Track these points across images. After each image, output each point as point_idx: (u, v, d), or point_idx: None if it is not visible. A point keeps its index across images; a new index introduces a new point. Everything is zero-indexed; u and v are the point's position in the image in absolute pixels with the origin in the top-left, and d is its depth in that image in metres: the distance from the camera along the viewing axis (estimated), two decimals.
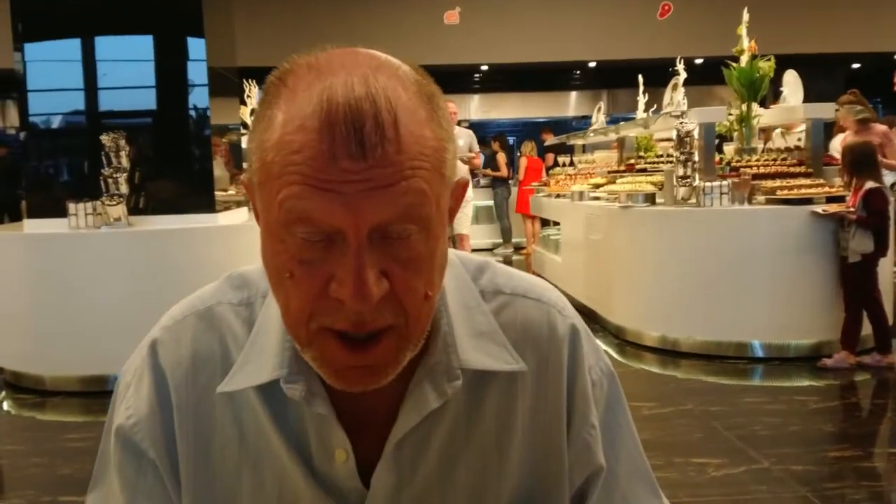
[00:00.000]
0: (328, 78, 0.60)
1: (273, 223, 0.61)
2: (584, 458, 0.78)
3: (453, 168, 0.65)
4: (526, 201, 9.76)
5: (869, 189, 4.28)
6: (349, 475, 0.73)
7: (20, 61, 4.57)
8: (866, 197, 4.27)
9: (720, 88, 10.25)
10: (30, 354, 4.40)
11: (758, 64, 5.37)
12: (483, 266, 0.80)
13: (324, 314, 0.61)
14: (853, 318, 4.38)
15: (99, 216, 4.31)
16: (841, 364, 4.33)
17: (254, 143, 0.63)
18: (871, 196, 4.27)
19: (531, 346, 0.76)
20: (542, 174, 10.03)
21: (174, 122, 4.73)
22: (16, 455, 3.57)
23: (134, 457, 0.75)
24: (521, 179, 10.21)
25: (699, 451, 3.26)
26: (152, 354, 0.77)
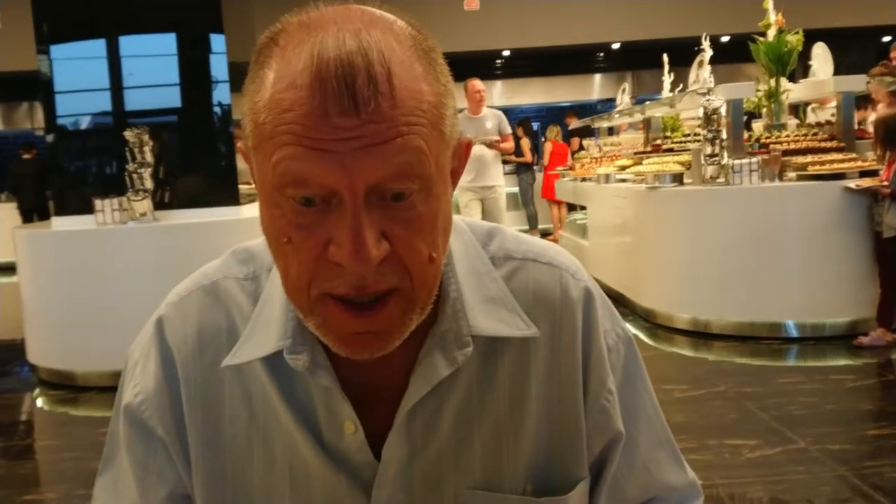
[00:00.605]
0: (319, 34, 0.58)
1: (268, 187, 0.59)
2: (602, 424, 0.76)
3: (454, 126, 0.62)
4: (551, 186, 9.68)
5: None
6: (359, 448, 0.71)
7: (46, 63, 4.61)
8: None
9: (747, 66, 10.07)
10: (61, 351, 4.46)
11: (785, 38, 5.25)
12: (493, 232, 0.78)
13: (324, 279, 0.59)
14: (889, 295, 4.28)
15: (125, 212, 4.35)
16: (877, 342, 4.23)
17: (247, 106, 0.61)
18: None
19: (544, 311, 0.74)
20: (567, 159, 9.94)
21: (198, 117, 4.76)
22: (49, 450, 3.63)
23: (143, 435, 0.74)
24: (546, 165, 10.14)
25: (734, 432, 3.20)
26: (158, 331, 0.76)
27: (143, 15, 4.66)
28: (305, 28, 0.59)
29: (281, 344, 0.69)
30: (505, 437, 0.74)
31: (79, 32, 4.68)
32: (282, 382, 0.71)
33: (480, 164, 6.00)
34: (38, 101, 11.75)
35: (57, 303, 4.41)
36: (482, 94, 6.16)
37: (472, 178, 5.96)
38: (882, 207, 4.24)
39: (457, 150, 0.65)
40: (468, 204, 6.05)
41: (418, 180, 0.58)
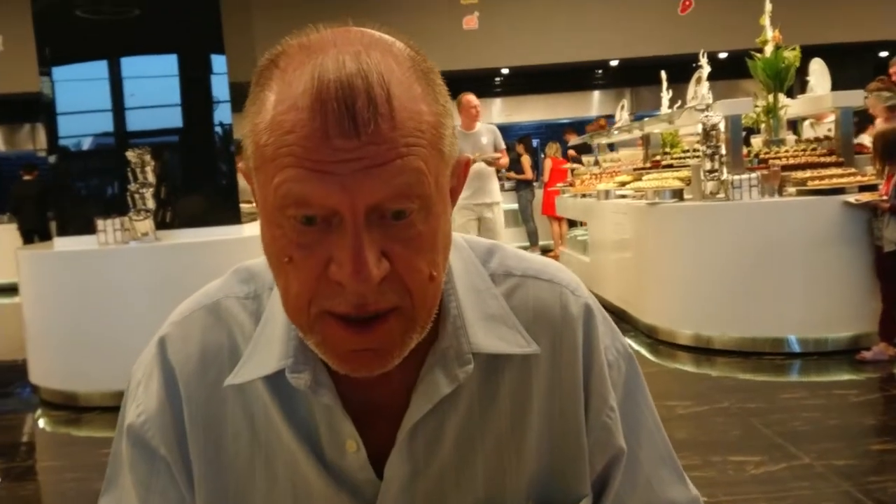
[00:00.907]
0: (319, 56, 0.58)
1: (270, 208, 0.60)
2: (604, 441, 0.76)
3: (452, 145, 0.63)
4: (552, 203, 9.70)
5: None
6: (361, 466, 0.71)
7: (48, 85, 4.64)
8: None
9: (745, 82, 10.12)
10: (63, 371, 4.45)
11: (783, 54, 5.28)
12: (492, 249, 0.79)
13: (324, 297, 0.60)
14: (890, 309, 4.27)
15: (127, 232, 4.36)
16: (880, 356, 4.22)
17: (248, 127, 0.62)
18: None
19: (544, 328, 0.74)
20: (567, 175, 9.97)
21: (199, 138, 4.78)
22: (51, 471, 3.61)
23: (146, 455, 0.75)
24: (547, 181, 10.17)
25: (738, 448, 3.19)
26: (161, 351, 0.76)
27: (145, 36, 4.69)
28: (305, 50, 0.60)
29: (283, 363, 0.69)
30: (507, 454, 0.73)
31: (80, 54, 4.71)
32: (283, 401, 0.72)
33: (479, 180, 5.88)
34: (40, 123, 11.81)
35: (59, 323, 4.41)
36: (477, 110, 6.03)
37: (470, 195, 5.82)
38: (882, 222, 4.24)
39: (455, 168, 0.66)
40: (465, 225, 5.83)
41: (418, 200, 0.59)
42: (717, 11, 11.13)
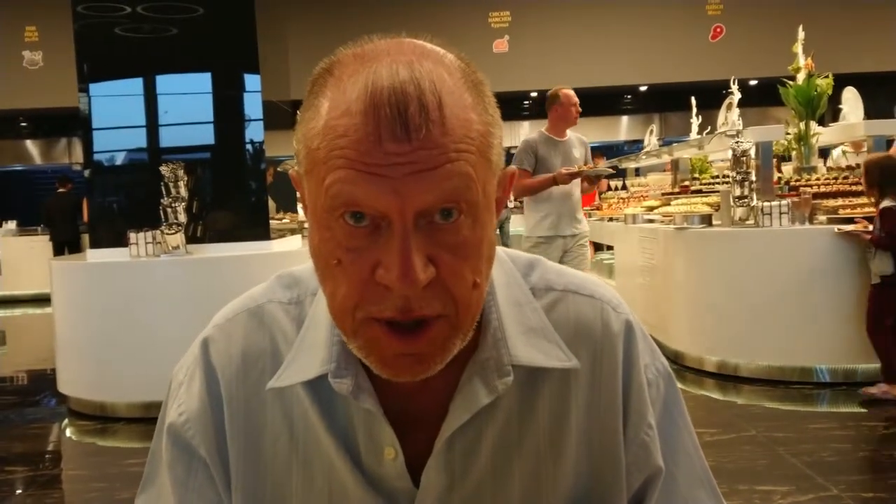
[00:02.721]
0: (373, 65, 0.60)
1: (320, 210, 0.61)
2: (642, 459, 0.76)
3: (500, 155, 0.64)
4: None
5: (884, 208, 4.10)
6: (399, 474, 0.71)
7: (86, 101, 4.74)
8: (882, 215, 4.10)
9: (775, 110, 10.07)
10: (91, 381, 4.51)
11: (815, 81, 5.26)
12: (533, 263, 0.79)
13: (370, 302, 0.61)
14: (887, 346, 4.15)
15: (159, 245, 4.42)
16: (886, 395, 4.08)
17: (300, 133, 0.63)
18: (885, 215, 4.09)
19: (584, 344, 0.75)
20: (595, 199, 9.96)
21: (231, 155, 4.85)
22: (77, 480, 3.64)
23: (185, 455, 0.76)
24: None
25: (765, 478, 3.14)
26: (204, 352, 0.77)
27: (181, 54, 4.78)
28: (360, 59, 0.62)
29: (325, 368, 0.70)
30: (543, 468, 0.73)
31: (118, 71, 4.81)
32: (323, 407, 0.72)
33: (566, 205, 4.68)
34: (76, 137, 12.04)
35: (89, 333, 4.47)
36: (578, 109, 4.69)
37: (554, 223, 4.66)
38: (871, 254, 4.18)
39: (502, 179, 0.67)
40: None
41: (466, 206, 0.60)
42: (748, 39, 11.12)
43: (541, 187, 4.59)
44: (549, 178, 4.53)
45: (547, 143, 4.67)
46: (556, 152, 4.64)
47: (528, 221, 4.82)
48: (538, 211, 4.70)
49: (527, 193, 4.71)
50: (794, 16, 7.86)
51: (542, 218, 4.68)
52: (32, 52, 11.31)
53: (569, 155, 4.69)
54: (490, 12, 11.61)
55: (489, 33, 11.44)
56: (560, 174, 4.51)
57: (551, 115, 4.70)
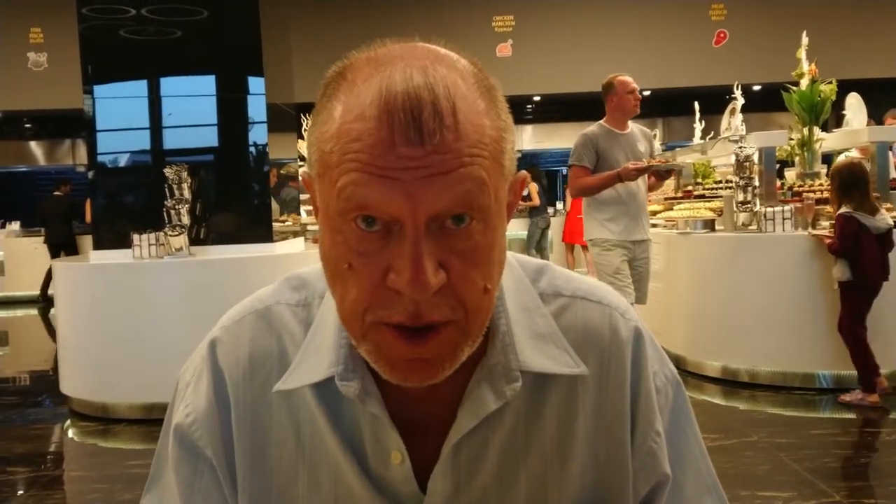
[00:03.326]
0: (387, 69, 0.60)
1: (332, 213, 0.61)
2: (650, 466, 0.76)
3: (512, 160, 0.64)
4: (571, 231, 9.77)
5: (838, 214, 4.13)
6: (405, 478, 0.71)
7: (90, 102, 4.75)
8: (836, 222, 4.15)
9: (778, 115, 10.08)
10: (93, 382, 4.51)
11: (819, 87, 5.26)
12: (542, 268, 0.79)
13: (380, 307, 0.61)
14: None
15: (162, 247, 4.43)
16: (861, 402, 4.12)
17: (313, 136, 0.63)
18: (838, 221, 4.13)
19: (592, 350, 0.75)
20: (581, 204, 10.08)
21: (235, 157, 4.85)
22: (78, 481, 3.64)
23: (191, 456, 0.76)
24: (569, 210, 10.26)
25: (767, 484, 3.14)
26: (211, 354, 0.77)
27: (185, 57, 4.79)
28: (373, 63, 0.62)
29: (332, 371, 0.70)
30: (550, 474, 0.73)
31: (122, 73, 4.82)
32: (330, 410, 0.72)
33: (633, 205, 4.23)
34: (80, 139, 12.06)
35: (91, 334, 4.47)
36: (637, 98, 4.28)
37: (619, 227, 4.23)
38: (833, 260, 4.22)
39: (513, 184, 0.67)
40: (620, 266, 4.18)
41: (478, 211, 0.60)
42: (751, 44, 11.13)
43: (604, 185, 4.13)
44: (614, 175, 4.09)
45: (608, 136, 4.23)
46: (619, 146, 4.21)
47: (588, 224, 4.35)
48: (602, 213, 4.23)
49: (588, 192, 4.23)
50: (797, 21, 7.87)
51: (606, 220, 4.23)
52: (37, 54, 11.33)
53: (633, 149, 4.25)
54: (494, 16, 11.62)
55: (493, 37, 11.46)
56: (626, 170, 4.07)
57: (608, 107, 4.31)
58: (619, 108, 4.25)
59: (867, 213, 4.09)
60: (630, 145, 4.25)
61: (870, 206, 4.13)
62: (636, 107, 4.25)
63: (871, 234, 4.08)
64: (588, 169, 4.18)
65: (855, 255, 4.10)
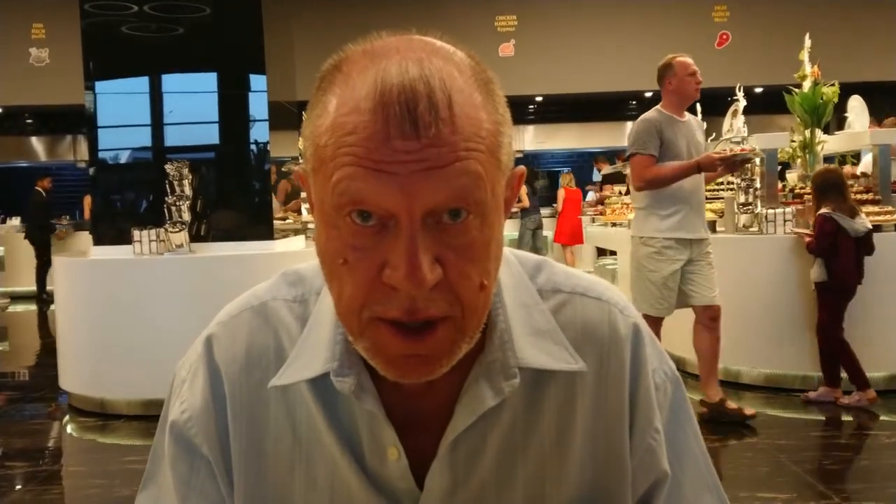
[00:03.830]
0: (382, 62, 0.59)
1: (327, 208, 0.60)
2: (648, 463, 0.75)
3: (510, 155, 0.64)
4: (564, 232, 9.78)
5: (818, 214, 4.18)
6: (402, 475, 0.71)
7: (91, 99, 4.75)
8: (815, 221, 4.19)
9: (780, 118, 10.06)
10: (92, 377, 4.51)
11: (821, 89, 5.25)
12: (540, 264, 0.79)
13: (376, 302, 0.60)
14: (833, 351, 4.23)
15: (162, 243, 4.43)
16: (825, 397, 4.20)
17: (308, 130, 0.63)
18: (816, 221, 4.17)
19: (591, 346, 0.74)
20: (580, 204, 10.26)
21: (236, 155, 4.85)
22: (76, 476, 3.64)
23: (187, 453, 0.75)
24: (560, 211, 10.27)
25: (766, 485, 3.13)
26: (207, 350, 0.77)
27: (187, 54, 4.78)
28: (369, 56, 0.61)
29: (328, 366, 0.70)
30: (548, 471, 0.73)
31: (124, 69, 4.82)
32: (327, 406, 0.72)
33: (695, 200, 3.86)
34: (81, 135, 12.06)
35: (91, 330, 4.47)
36: (699, 81, 3.90)
37: (680, 223, 3.80)
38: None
39: (510, 179, 0.66)
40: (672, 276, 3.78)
41: (475, 206, 0.59)
42: (754, 46, 11.12)
43: (680, 176, 3.72)
44: (693, 165, 3.70)
45: (669, 123, 3.81)
46: (681, 134, 3.81)
47: (642, 220, 3.87)
48: (661, 207, 3.78)
49: (660, 184, 3.74)
50: (800, 24, 7.87)
51: (666, 216, 3.78)
52: (39, 50, 11.33)
53: (693, 139, 3.88)
54: (497, 16, 11.62)
55: (495, 37, 11.45)
56: (710, 159, 3.72)
57: (665, 91, 3.91)
58: (679, 91, 3.86)
59: (844, 214, 4.12)
60: (690, 134, 3.87)
61: (847, 208, 4.15)
62: (697, 91, 3.88)
63: (850, 237, 4.11)
64: (655, 157, 3.74)
65: (831, 256, 4.13)
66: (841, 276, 4.13)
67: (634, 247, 3.94)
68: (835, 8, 11.23)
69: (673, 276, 3.79)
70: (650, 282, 3.83)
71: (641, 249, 3.87)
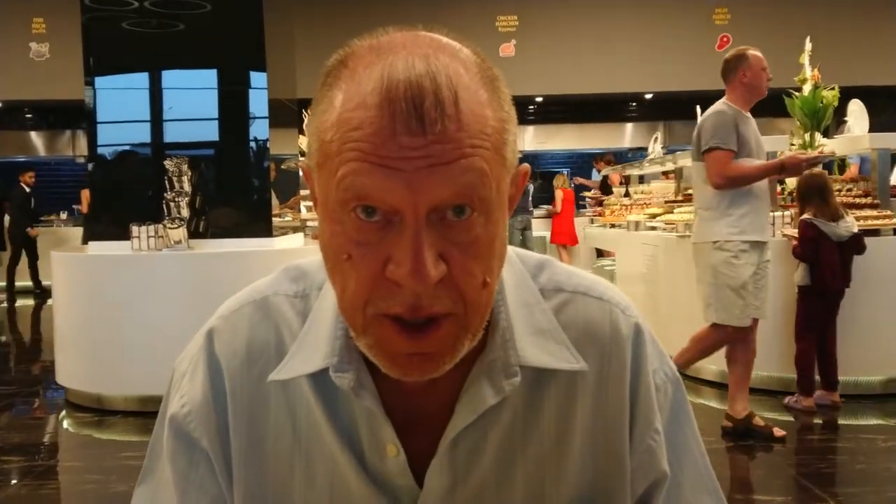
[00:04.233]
0: (389, 57, 0.59)
1: (332, 204, 0.60)
2: (648, 463, 0.75)
3: (514, 152, 0.64)
4: (560, 232, 9.81)
5: (801, 219, 4.20)
6: (401, 472, 0.71)
7: (91, 94, 4.74)
8: (798, 227, 4.22)
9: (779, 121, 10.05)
10: (89, 373, 4.50)
11: (821, 93, 5.25)
12: (543, 263, 0.79)
13: (380, 298, 0.60)
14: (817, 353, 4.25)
15: (161, 239, 4.42)
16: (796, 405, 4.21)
17: (313, 125, 0.63)
18: (800, 226, 4.20)
19: (593, 346, 0.74)
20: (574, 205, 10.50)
21: (235, 152, 4.85)
22: (72, 471, 3.64)
23: (186, 447, 0.75)
24: (559, 212, 10.30)
25: (762, 488, 3.14)
26: (208, 343, 0.76)
27: (187, 50, 4.78)
28: (375, 51, 0.61)
29: (327, 362, 0.70)
30: (548, 470, 0.73)
31: (124, 65, 4.81)
32: (327, 401, 0.72)
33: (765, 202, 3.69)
34: (80, 130, 12.03)
35: (88, 326, 4.47)
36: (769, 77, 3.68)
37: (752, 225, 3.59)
38: None
39: (515, 177, 0.66)
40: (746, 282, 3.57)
41: (480, 203, 0.59)
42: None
43: (763, 175, 3.55)
44: (777, 165, 3.55)
45: (740, 118, 3.58)
46: (751, 131, 3.60)
47: (714, 224, 3.61)
48: (737, 208, 3.55)
49: (743, 182, 3.53)
50: (801, 27, 7.88)
51: (740, 217, 3.56)
52: (39, 44, 11.31)
53: (759, 137, 3.66)
54: (498, 16, 11.61)
55: (496, 37, 11.44)
56: (795, 160, 3.56)
57: (736, 83, 3.66)
58: (752, 85, 3.63)
59: (826, 219, 4.12)
60: (756, 132, 3.66)
61: (830, 212, 4.14)
62: (766, 88, 3.67)
63: (832, 241, 4.11)
64: (734, 154, 3.49)
65: (814, 260, 4.14)
66: (823, 280, 4.14)
67: (704, 254, 3.67)
68: (836, 12, 11.24)
69: (751, 279, 3.57)
70: (731, 289, 3.59)
71: (716, 255, 3.60)
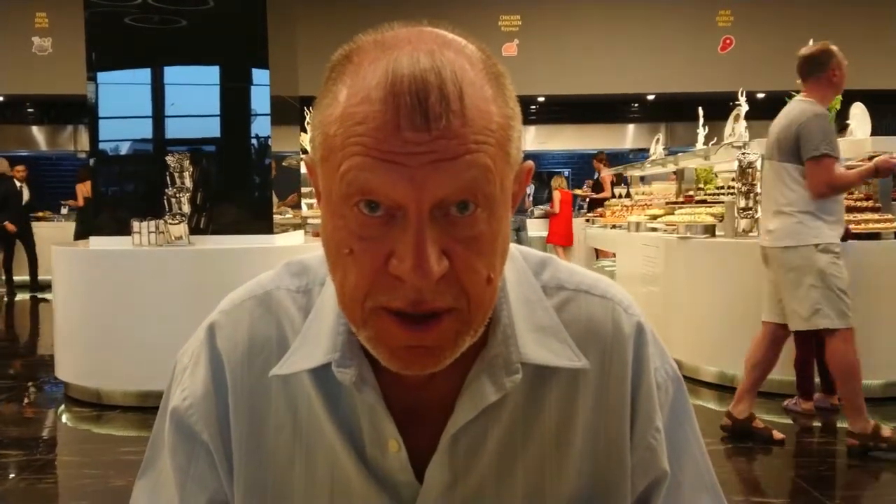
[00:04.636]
0: (394, 52, 0.59)
1: (334, 198, 0.60)
2: (648, 462, 0.75)
3: (518, 149, 0.64)
4: (556, 233, 9.82)
5: None
6: (402, 467, 0.71)
7: (93, 89, 4.74)
8: None
9: None
10: (89, 368, 4.50)
11: None
12: (545, 261, 0.79)
13: (381, 292, 0.60)
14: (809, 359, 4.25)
15: (161, 235, 4.42)
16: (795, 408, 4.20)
17: (317, 119, 0.63)
18: None
19: (594, 344, 0.74)
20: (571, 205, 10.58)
21: (237, 148, 4.85)
22: (70, 466, 3.64)
23: (187, 441, 0.75)
24: (557, 213, 10.34)
25: (760, 489, 3.14)
26: (210, 337, 0.77)
27: (190, 47, 4.78)
28: (380, 46, 0.61)
29: (329, 357, 0.70)
30: (548, 468, 0.73)
31: (126, 61, 4.81)
32: (328, 396, 0.72)
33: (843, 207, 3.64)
34: (82, 125, 12.04)
35: (88, 321, 4.47)
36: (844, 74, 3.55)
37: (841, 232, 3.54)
38: None
39: (519, 174, 0.66)
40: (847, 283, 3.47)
41: (484, 199, 0.59)
42: (757, 51, 11.12)
43: (861, 181, 3.52)
44: (871, 169, 3.42)
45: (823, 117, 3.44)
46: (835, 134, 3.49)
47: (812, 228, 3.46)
48: (830, 213, 3.46)
49: (845, 189, 3.48)
50: (804, 30, 7.87)
51: (833, 222, 3.48)
52: (42, 39, 11.31)
53: None
54: (501, 15, 11.62)
55: (499, 36, 11.44)
56: (888, 163, 3.42)
57: (823, 81, 3.51)
58: (839, 84, 3.53)
59: None
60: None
61: None
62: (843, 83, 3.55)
63: None
64: (838, 160, 3.37)
65: None
66: None
67: (807, 258, 3.50)
68: (839, 15, 11.24)
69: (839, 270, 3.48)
70: (839, 290, 3.47)
71: (822, 258, 3.46)
